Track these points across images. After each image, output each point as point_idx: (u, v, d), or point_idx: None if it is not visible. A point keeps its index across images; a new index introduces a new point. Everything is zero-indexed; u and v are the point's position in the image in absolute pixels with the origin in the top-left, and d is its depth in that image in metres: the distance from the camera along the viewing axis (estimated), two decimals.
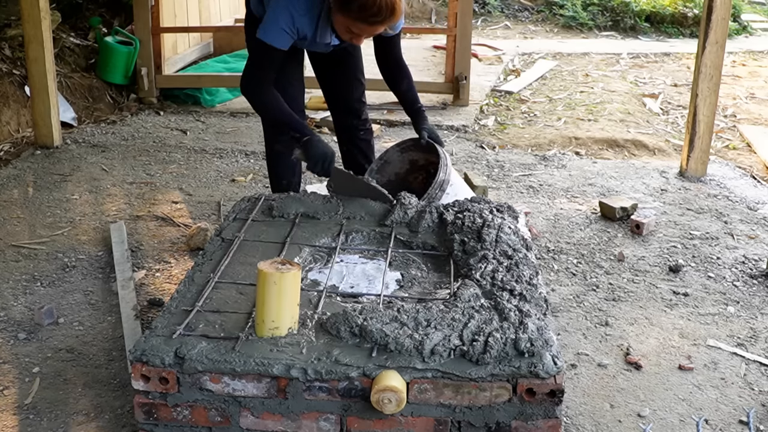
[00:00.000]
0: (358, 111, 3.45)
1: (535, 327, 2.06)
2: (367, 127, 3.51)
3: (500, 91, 6.49)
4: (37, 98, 4.78)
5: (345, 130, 3.49)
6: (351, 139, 3.50)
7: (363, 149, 3.50)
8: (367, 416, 2.01)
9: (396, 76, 3.20)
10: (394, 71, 3.20)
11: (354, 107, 3.44)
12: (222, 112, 5.74)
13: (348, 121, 3.47)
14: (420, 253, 2.66)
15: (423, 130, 3.17)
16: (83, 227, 3.75)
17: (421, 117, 3.20)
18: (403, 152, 3.31)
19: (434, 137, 3.17)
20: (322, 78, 3.43)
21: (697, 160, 4.50)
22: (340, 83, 3.40)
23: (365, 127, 3.50)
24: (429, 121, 3.25)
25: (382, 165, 3.33)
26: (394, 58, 3.17)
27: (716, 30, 4.25)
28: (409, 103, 3.22)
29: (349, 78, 3.38)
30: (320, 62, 3.37)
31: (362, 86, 3.44)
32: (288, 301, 2.06)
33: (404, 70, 3.21)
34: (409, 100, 3.22)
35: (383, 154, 3.35)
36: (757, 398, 2.53)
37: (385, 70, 3.20)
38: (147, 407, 2.05)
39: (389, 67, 3.19)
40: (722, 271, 3.39)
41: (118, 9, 6.42)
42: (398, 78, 3.20)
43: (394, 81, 3.22)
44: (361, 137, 3.49)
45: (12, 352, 2.71)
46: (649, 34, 9.18)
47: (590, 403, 2.48)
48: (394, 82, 3.22)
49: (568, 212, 4.02)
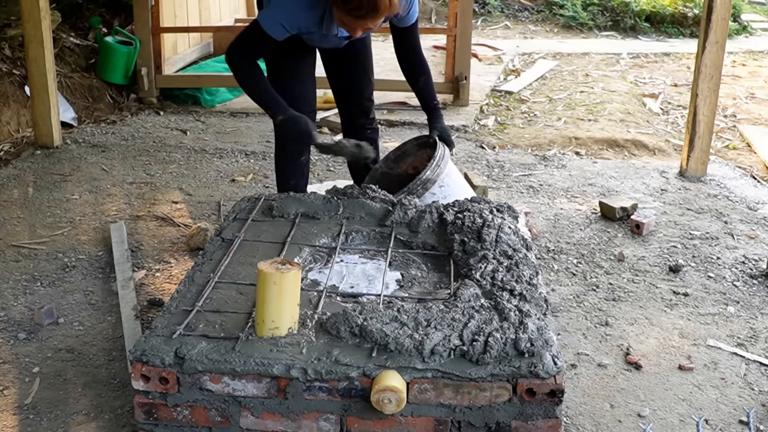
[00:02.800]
0: (367, 109, 3.46)
1: (535, 327, 2.06)
2: (374, 126, 3.52)
3: (500, 91, 6.49)
4: (37, 98, 4.78)
5: (352, 128, 3.50)
6: (356, 137, 3.50)
7: None
8: (367, 416, 2.01)
9: (413, 70, 3.20)
10: (412, 65, 3.20)
11: (364, 106, 3.45)
12: (222, 112, 5.74)
13: (356, 119, 3.47)
14: (420, 253, 2.66)
15: (435, 128, 3.18)
16: (83, 227, 3.75)
17: (436, 115, 3.21)
18: (420, 147, 3.31)
19: (445, 137, 3.18)
20: (332, 75, 3.43)
21: (697, 160, 4.50)
22: (351, 82, 3.41)
23: (372, 126, 3.51)
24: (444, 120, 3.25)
25: (399, 155, 3.34)
26: (409, 51, 3.17)
27: (716, 30, 4.25)
28: (425, 100, 3.23)
29: (360, 76, 3.39)
30: (331, 59, 3.37)
31: (372, 85, 3.45)
32: (288, 301, 2.06)
33: (422, 66, 3.21)
34: (425, 97, 3.23)
35: (401, 144, 3.37)
36: (757, 398, 2.53)
37: (402, 63, 3.21)
38: (147, 407, 2.05)
39: (406, 61, 3.19)
40: (722, 271, 3.39)
41: (118, 9, 6.42)
42: (416, 73, 3.20)
43: (411, 76, 3.22)
44: (368, 136, 3.49)
45: (12, 352, 2.71)
46: (649, 34, 9.18)
47: (590, 403, 2.48)
48: (411, 77, 3.22)
49: (568, 212, 4.02)
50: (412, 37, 3.15)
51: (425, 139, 3.26)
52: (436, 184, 3.00)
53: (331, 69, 3.41)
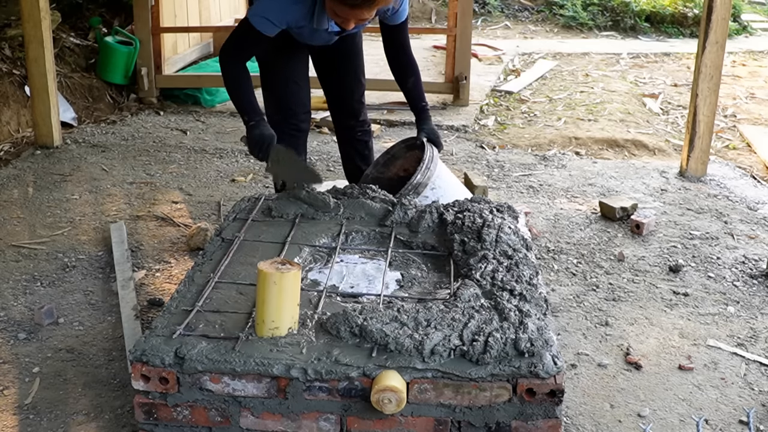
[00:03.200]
0: (357, 111, 3.44)
1: (535, 327, 2.06)
2: (365, 128, 3.50)
3: (500, 91, 6.50)
4: (37, 98, 4.78)
5: (343, 130, 3.49)
6: (349, 139, 3.49)
7: (360, 150, 3.49)
8: (367, 416, 2.01)
9: (403, 70, 3.17)
10: (401, 65, 3.17)
11: (353, 107, 3.43)
12: (222, 112, 5.74)
13: (346, 121, 3.46)
14: (420, 253, 2.66)
15: (422, 130, 3.16)
16: (83, 227, 3.75)
17: (424, 116, 3.18)
18: (408, 149, 3.30)
19: (433, 138, 3.14)
20: (322, 77, 3.42)
21: (697, 160, 4.50)
22: (341, 83, 3.39)
23: (363, 128, 3.49)
24: (432, 121, 3.23)
25: (389, 159, 3.32)
26: (399, 50, 3.14)
27: (716, 30, 4.24)
28: (413, 101, 3.20)
29: (350, 78, 3.37)
30: (322, 60, 3.36)
31: (362, 87, 3.43)
32: (288, 301, 2.06)
33: (411, 67, 3.18)
34: (414, 98, 3.20)
35: (390, 148, 3.35)
36: (757, 398, 2.53)
37: (392, 63, 3.18)
38: (147, 407, 2.05)
39: (395, 60, 3.16)
40: (722, 271, 3.39)
41: (118, 9, 6.42)
42: (405, 73, 3.17)
43: (400, 76, 3.19)
44: (358, 138, 3.48)
45: (12, 352, 2.71)
46: (649, 34, 9.18)
47: (590, 403, 2.48)
48: (400, 77, 3.19)
49: (568, 212, 4.02)
50: (402, 36, 3.11)
51: (413, 141, 3.24)
52: (427, 188, 2.98)
53: (320, 69, 3.39)
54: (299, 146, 3.34)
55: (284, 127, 3.22)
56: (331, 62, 3.33)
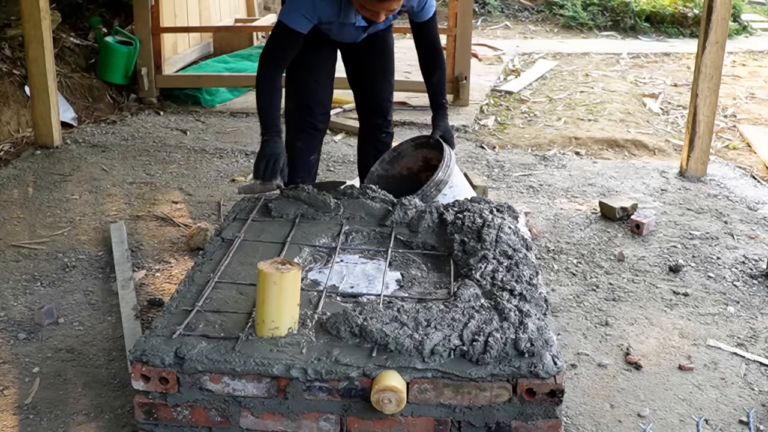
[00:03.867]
0: (385, 110, 3.47)
1: (535, 327, 2.06)
2: (389, 130, 3.53)
3: (500, 91, 6.49)
4: (37, 98, 4.78)
5: (369, 129, 3.51)
6: (371, 138, 3.51)
7: (381, 150, 3.48)
8: (367, 416, 2.01)
9: (431, 65, 3.22)
10: (430, 60, 3.21)
11: (382, 105, 3.46)
12: (222, 112, 5.74)
13: (374, 119, 3.48)
14: (420, 253, 2.66)
15: (437, 128, 3.18)
16: (83, 227, 3.75)
17: (441, 114, 3.22)
18: (416, 148, 3.31)
19: (447, 137, 3.18)
20: (352, 74, 3.44)
21: (697, 160, 4.50)
22: (372, 80, 3.42)
23: (388, 130, 3.52)
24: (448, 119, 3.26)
25: (395, 156, 3.33)
26: (428, 45, 3.19)
27: (716, 30, 4.24)
28: (435, 96, 3.25)
29: (381, 76, 3.41)
30: (352, 57, 3.38)
31: (391, 86, 3.47)
32: (288, 301, 2.06)
33: (439, 62, 3.23)
34: (436, 93, 3.24)
35: (397, 146, 3.35)
36: (757, 398, 2.53)
37: (421, 58, 3.23)
38: (147, 407, 2.05)
39: (424, 55, 3.21)
40: (722, 271, 3.39)
41: (118, 9, 6.42)
42: (433, 68, 3.22)
43: (427, 70, 3.24)
44: (382, 139, 3.50)
45: (12, 352, 2.71)
46: (649, 34, 9.18)
47: (590, 403, 2.48)
48: (427, 72, 3.24)
49: (568, 212, 4.02)
50: (430, 32, 3.17)
51: (424, 139, 3.25)
52: (447, 185, 3.01)
53: (351, 66, 3.42)
54: (314, 145, 3.35)
55: (301, 124, 3.26)
56: (362, 60, 3.36)
